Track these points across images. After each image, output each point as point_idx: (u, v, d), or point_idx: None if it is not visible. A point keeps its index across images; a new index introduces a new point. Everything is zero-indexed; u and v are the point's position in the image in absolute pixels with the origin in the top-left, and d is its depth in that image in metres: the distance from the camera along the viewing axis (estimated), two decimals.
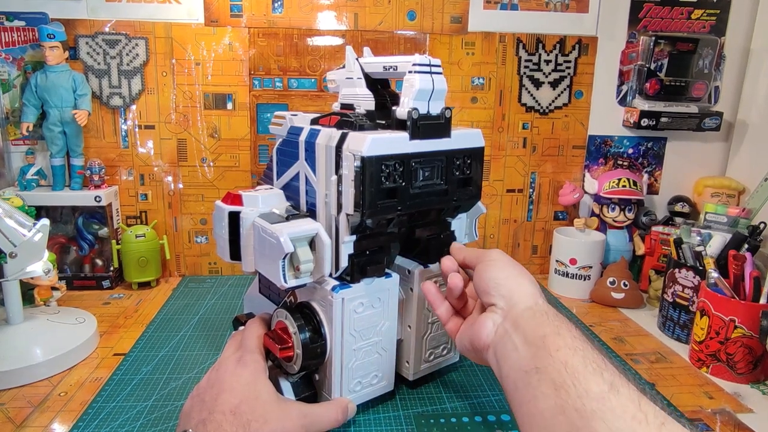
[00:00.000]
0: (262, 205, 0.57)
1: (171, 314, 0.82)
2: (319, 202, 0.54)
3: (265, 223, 0.53)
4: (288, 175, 0.59)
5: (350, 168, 0.48)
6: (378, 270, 0.55)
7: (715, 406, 0.63)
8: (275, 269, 0.51)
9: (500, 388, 0.65)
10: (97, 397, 0.61)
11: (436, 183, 0.54)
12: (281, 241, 0.49)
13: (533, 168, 1.01)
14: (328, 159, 0.52)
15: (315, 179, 0.54)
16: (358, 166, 0.48)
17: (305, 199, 0.57)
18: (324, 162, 0.52)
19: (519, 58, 0.96)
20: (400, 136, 0.50)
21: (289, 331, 0.53)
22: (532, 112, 0.99)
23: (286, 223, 0.52)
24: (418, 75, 0.51)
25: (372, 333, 0.56)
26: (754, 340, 0.66)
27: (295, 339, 0.52)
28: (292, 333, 0.53)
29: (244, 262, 0.57)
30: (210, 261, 0.99)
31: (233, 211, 0.56)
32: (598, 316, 0.86)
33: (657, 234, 0.93)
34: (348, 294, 0.53)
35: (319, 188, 0.54)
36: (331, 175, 0.51)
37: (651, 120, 0.94)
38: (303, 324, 0.53)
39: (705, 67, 0.96)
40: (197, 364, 0.68)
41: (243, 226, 0.56)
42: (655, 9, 0.96)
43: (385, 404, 0.60)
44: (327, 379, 0.55)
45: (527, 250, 1.05)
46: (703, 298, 0.70)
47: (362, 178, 0.48)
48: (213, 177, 0.95)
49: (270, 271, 0.52)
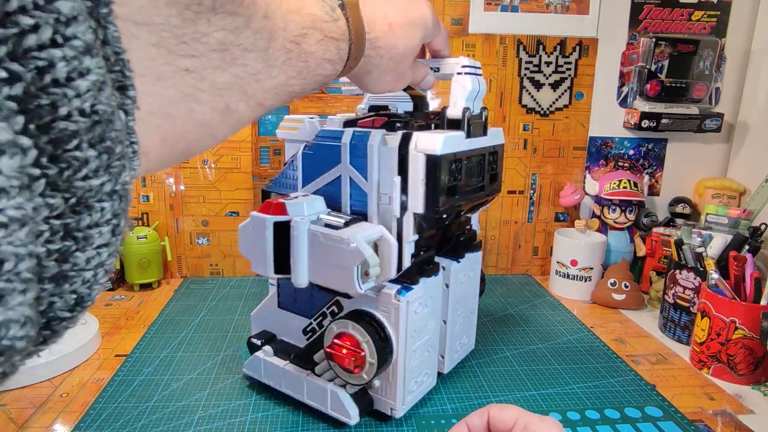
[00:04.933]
0: (308, 212, 0.53)
1: (172, 316, 0.82)
2: (372, 204, 0.53)
3: (329, 231, 0.49)
4: (322, 180, 0.56)
5: (420, 167, 0.49)
6: (435, 269, 0.56)
7: (716, 408, 0.62)
8: (345, 277, 0.49)
9: (501, 388, 0.66)
10: (99, 398, 0.61)
11: (477, 179, 0.57)
12: (358, 246, 0.48)
13: (534, 169, 1.01)
14: (386, 160, 0.51)
15: (366, 182, 0.53)
16: (431, 165, 0.49)
17: (349, 203, 0.55)
18: (377, 163, 0.52)
19: (519, 59, 0.96)
20: (460, 134, 0.52)
21: (357, 341, 0.52)
22: (532, 114, 0.99)
23: (355, 228, 0.51)
24: (468, 76, 0.54)
25: (424, 332, 0.57)
26: (755, 342, 0.66)
27: (368, 348, 0.52)
28: (363, 342, 0.52)
29: (297, 275, 0.51)
30: (211, 263, 0.99)
31: (280, 222, 0.51)
32: (598, 317, 0.86)
33: (658, 235, 0.94)
34: (411, 296, 0.53)
35: (371, 190, 0.53)
36: (394, 176, 0.51)
37: (652, 121, 0.94)
38: (373, 331, 0.52)
39: (705, 69, 0.96)
40: (198, 365, 0.68)
41: (296, 236, 0.51)
42: (655, 10, 0.96)
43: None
44: (390, 384, 0.55)
45: (528, 252, 1.05)
46: (703, 299, 0.70)
47: (435, 176, 0.49)
48: (214, 179, 0.96)
49: (335, 280, 0.50)
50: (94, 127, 0.16)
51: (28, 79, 0.14)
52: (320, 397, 0.57)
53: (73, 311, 0.18)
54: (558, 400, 0.63)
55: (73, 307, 0.18)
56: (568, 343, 0.77)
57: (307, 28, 0.31)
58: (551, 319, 0.84)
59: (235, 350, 0.72)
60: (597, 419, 0.59)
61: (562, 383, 0.66)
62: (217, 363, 0.69)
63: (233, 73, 0.26)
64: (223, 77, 0.25)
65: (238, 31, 0.25)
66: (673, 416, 0.60)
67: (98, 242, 0.17)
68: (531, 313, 0.86)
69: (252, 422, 0.57)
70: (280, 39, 0.28)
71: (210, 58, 0.24)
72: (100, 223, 0.17)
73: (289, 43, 0.29)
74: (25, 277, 0.14)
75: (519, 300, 0.91)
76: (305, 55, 0.31)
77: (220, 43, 0.24)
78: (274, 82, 0.29)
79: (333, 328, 0.54)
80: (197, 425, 0.57)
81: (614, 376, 0.68)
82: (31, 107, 0.14)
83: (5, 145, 0.13)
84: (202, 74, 0.24)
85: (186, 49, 0.23)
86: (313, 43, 0.32)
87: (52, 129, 0.15)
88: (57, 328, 0.18)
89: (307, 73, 0.32)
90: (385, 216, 0.53)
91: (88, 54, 0.15)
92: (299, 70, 0.31)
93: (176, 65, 0.22)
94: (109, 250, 0.18)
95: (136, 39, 0.20)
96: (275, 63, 0.28)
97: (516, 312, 0.86)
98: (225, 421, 0.57)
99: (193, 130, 0.25)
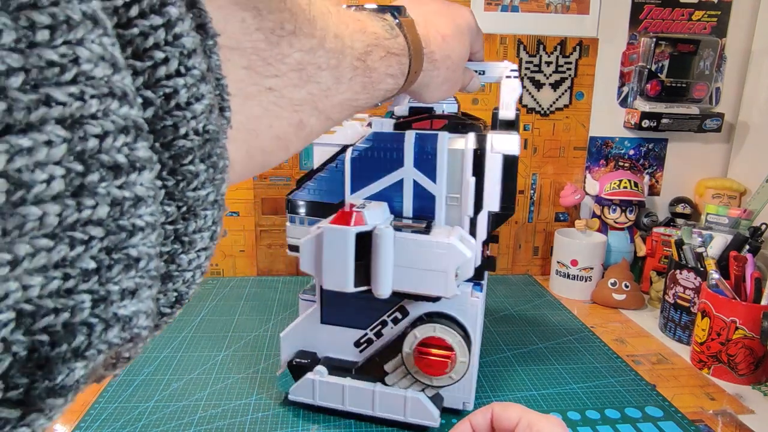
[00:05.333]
0: (382, 219, 0.52)
1: None
2: (440, 206, 0.54)
3: (420, 236, 0.49)
4: (379, 185, 0.55)
5: (497, 167, 0.51)
6: (493, 263, 0.57)
7: (716, 408, 0.62)
8: (439, 280, 0.49)
9: (501, 388, 0.66)
10: (99, 397, 0.61)
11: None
12: (459, 249, 0.48)
13: (534, 169, 1.01)
14: (458, 161, 0.52)
15: (435, 184, 0.53)
16: (508, 164, 0.51)
17: (411, 206, 0.55)
18: (446, 165, 0.53)
19: (520, 59, 0.96)
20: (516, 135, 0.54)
21: (447, 343, 0.52)
22: (533, 114, 0.99)
23: (439, 231, 0.51)
24: (515, 80, 0.56)
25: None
26: (755, 342, 0.66)
27: (458, 348, 0.52)
28: (454, 343, 0.52)
29: (380, 285, 0.49)
30: (211, 262, 0.99)
31: (363, 232, 0.49)
32: (599, 317, 0.86)
33: (658, 235, 0.93)
34: (482, 293, 0.55)
35: (440, 192, 0.53)
36: (468, 177, 0.52)
37: (652, 121, 0.94)
38: (460, 331, 0.53)
39: (706, 69, 0.96)
40: (199, 365, 0.68)
41: (380, 245, 0.48)
42: (655, 10, 0.96)
43: None
44: (465, 380, 0.55)
45: (528, 252, 1.05)
46: (704, 299, 0.70)
47: (512, 175, 0.51)
48: None
49: (425, 286, 0.50)
50: (205, 145, 0.18)
51: (158, 104, 0.16)
52: (396, 406, 0.55)
53: (172, 308, 0.20)
54: (558, 400, 0.63)
55: (173, 304, 0.20)
56: (568, 343, 0.77)
57: (371, 45, 0.33)
58: (551, 319, 0.84)
59: (235, 350, 0.72)
60: (597, 419, 0.59)
61: (563, 383, 0.66)
62: (217, 363, 0.69)
63: (308, 90, 0.27)
64: (299, 94, 0.27)
65: (313, 51, 0.27)
66: (673, 416, 0.60)
67: (200, 246, 0.19)
68: (531, 313, 0.86)
69: (252, 422, 0.57)
70: (348, 57, 0.30)
71: (290, 77, 0.26)
72: (203, 228, 0.19)
73: (356, 61, 0.31)
74: (152, 275, 0.16)
75: (519, 300, 0.91)
76: (370, 71, 0.33)
77: (299, 63, 0.26)
78: (342, 97, 0.30)
79: (416, 334, 0.53)
80: (197, 425, 0.57)
81: (614, 376, 0.68)
82: (158, 128, 0.17)
83: (146, 161, 0.15)
84: (282, 92, 0.26)
85: (270, 70, 0.24)
86: (377, 60, 0.33)
87: (173, 146, 0.17)
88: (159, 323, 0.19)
89: (372, 88, 0.33)
90: (451, 217, 0.53)
91: (203, 81, 0.18)
92: (364, 85, 0.32)
93: (262, 85, 0.24)
94: (207, 254, 0.20)
95: (230, 62, 0.22)
96: (343, 80, 0.30)
97: (516, 312, 0.86)
98: (225, 421, 0.57)
99: (271, 144, 0.26)
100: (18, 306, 0.13)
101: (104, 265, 0.14)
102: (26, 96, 0.12)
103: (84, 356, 0.14)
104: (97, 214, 0.14)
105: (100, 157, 0.14)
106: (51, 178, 0.13)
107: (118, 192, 0.15)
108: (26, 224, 0.12)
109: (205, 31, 0.18)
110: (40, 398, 0.13)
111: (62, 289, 0.13)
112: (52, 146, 0.13)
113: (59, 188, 0.13)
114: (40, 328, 0.13)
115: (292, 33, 0.25)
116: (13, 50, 0.12)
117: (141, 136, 0.15)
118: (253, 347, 0.73)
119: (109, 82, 0.14)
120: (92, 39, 0.14)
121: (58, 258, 0.13)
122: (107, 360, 0.17)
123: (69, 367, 0.14)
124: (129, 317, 0.15)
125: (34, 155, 0.12)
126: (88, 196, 0.14)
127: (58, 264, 0.13)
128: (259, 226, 0.98)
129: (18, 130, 0.12)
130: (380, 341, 0.56)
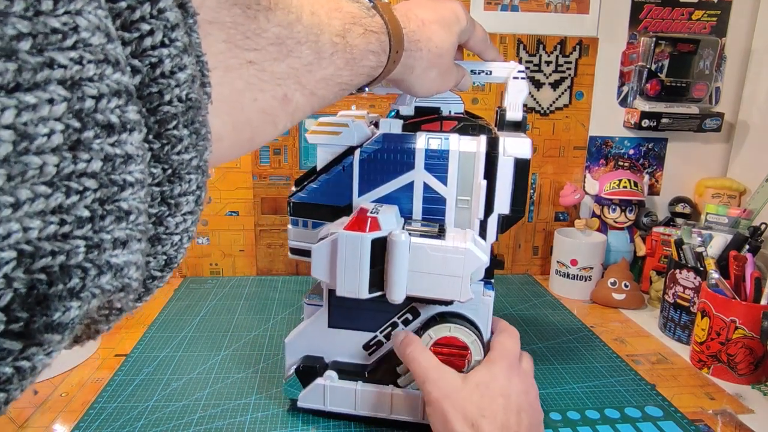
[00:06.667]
0: (395, 224, 0.51)
1: (172, 315, 0.82)
2: (450, 209, 0.53)
3: (435, 242, 0.49)
4: (388, 188, 0.54)
5: (509, 170, 0.51)
6: (501, 262, 0.57)
7: (716, 407, 0.63)
8: (454, 285, 0.49)
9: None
10: (99, 397, 0.61)
11: None
12: (476, 255, 0.48)
13: (534, 169, 1.01)
14: (470, 164, 0.52)
15: (445, 187, 0.53)
16: (519, 167, 0.51)
17: (421, 209, 0.54)
18: (457, 168, 0.52)
19: (520, 59, 0.96)
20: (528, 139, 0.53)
21: (463, 342, 0.52)
22: (532, 113, 0.99)
23: (453, 235, 0.51)
24: (523, 81, 0.56)
25: None
26: (755, 341, 0.66)
27: (473, 347, 0.52)
28: (469, 342, 0.52)
29: (394, 291, 0.49)
30: (211, 262, 0.99)
31: (378, 238, 0.48)
32: (598, 316, 0.86)
33: (658, 235, 0.93)
34: (493, 291, 0.55)
35: (451, 195, 0.53)
36: (479, 179, 0.52)
37: (652, 121, 0.94)
38: (474, 329, 0.53)
39: (706, 68, 0.96)
40: (198, 364, 0.68)
41: (396, 251, 0.48)
42: (655, 10, 0.96)
43: None
44: None
45: (528, 251, 1.05)
46: (703, 299, 0.70)
47: (524, 178, 0.52)
48: (214, 178, 0.96)
49: (440, 290, 0.49)
50: (188, 112, 0.20)
51: (144, 72, 0.18)
52: (411, 407, 0.55)
53: (162, 271, 0.21)
54: (558, 399, 0.63)
55: (163, 267, 0.21)
56: (567, 342, 0.77)
57: (349, 23, 0.34)
58: (551, 318, 0.84)
59: (235, 350, 0.72)
60: (597, 419, 0.59)
61: (562, 383, 0.66)
62: (217, 363, 0.69)
63: (289, 63, 0.28)
64: (280, 68, 0.28)
65: (291, 26, 0.28)
66: (673, 416, 0.60)
67: (186, 209, 0.21)
68: (531, 313, 0.86)
69: (252, 422, 0.57)
70: (327, 33, 0.31)
71: (269, 51, 0.27)
72: (188, 192, 0.21)
73: (335, 37, 0.32)
74: (141, 229, 0.18)
75: (519, 299, 0.91)
76: (350, 47, 0.34)
77: (277, 37, 0.27)
78: (325, 72, 0.32)
79: (430, 334, 0.53)
80: (197, 425, 0.57)
81: (614, 376, 0.68)
82: (145, 94, 0.18)
83: (136, 123, 0.17)
84: (263, 66, 0.27)
85: (249, 44, 0.26)
86: (356, 36, 0.34)
87: (159, 111, 0.19)
88: (150, 286, 0.21)
89: (355, 64, 0.34)
90: (461, 220, 0.53)
91: (186, 53, 0.19)
92: (347, 61, 0.33)
93: (242, 58, 0.25)
94: (193, 218, 0.21)
95: (210, 36, 0.24)
96: (324, 55, 0.31)
97: (516, 312, 0.86)
98: (225, 421, 0.57)
99: (257, 118, 0.28)
100: (19, 246, 0.14)
101: (97, 215, 0.16)
102: (33, 58, 0.14)
103: (79, 297, 0.16)
104: (91, 167, 0.15)
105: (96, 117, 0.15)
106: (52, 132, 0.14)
107: (111, 149, 0.16)
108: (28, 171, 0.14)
109: (185, 10, 0.20)
110: (39, 332, 0.15)
111: (59, 233, 0.15)
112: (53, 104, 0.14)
113: (58, 141, 0.14)
114: (39, 268, 0.14)
115: (268, 8, 0.27)
116: (22, 17, 0.13)
117: (131, 100, 0.17)
118: (253, 347, 0.73)
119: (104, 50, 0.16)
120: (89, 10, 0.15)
121: (55, 204, 0.15)
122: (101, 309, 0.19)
123: (65, 305, 0.15)
124: (120, 266, 0.17)
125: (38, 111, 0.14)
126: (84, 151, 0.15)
127: (55, 210, 0.15)
128: (259, 225, 0.98)
129: (25, 88, 0.14)
130: (390, 343, 0.56)
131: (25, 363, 0.15)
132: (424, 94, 0.48)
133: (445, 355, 0.52)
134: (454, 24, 0.46)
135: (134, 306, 0.20)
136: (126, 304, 0.19)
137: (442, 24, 0.45)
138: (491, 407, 0.46)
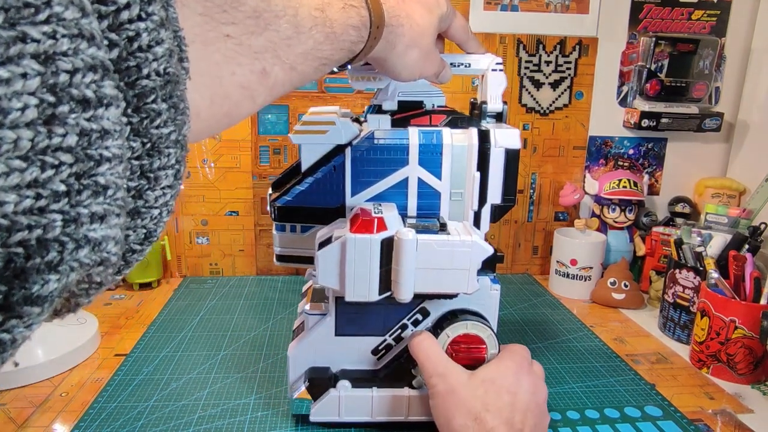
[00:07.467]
0: (398, 223, 0.50)
1: (172, 315, 0.82)
2: (444, 202, 0.54)
3: (442, 237, 0.48)
4: (383, 185, 0.53)
5: (500, 161, 0.53)
6: (504, 258, 0.58)
7: (715, 407, 0.63)
8: (461, 278, 0.49)
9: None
10: (99, 397, 0.61)
11: None
12: (482, 246, 0.48)
13: (534, 169, 1.01)
14: (462, 157, 0.53)
15: (440, 181, 0.53)
16: (510, 158, 0.53)
17: (415, 205, 0.54)
18: (450, 162, 0.53)
19: (519, 59, 0.96)
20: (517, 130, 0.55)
21: (479, 338, 0.52)
22: (532, 113, 0.99)
23: (455, 229, 0.51)
24: (501, 73, 0.57)
25: None
26: (754, 341, 0.66)
27: (489, 341, 0.52)
28: (485, 337, 0.52)
29: (402, 290, 0.48)
30: (211, 262, 0.99)
31: (386, 238, 0.47)
32: (598, 316, 0.86)
33: (658, 235, 0.93)
34: (499, 285, 0.55)
35: (445, 189, 0.54)
36: (473, 172, 0.53)
37: (651, 121, 0.94)
38: (488, 324, 0.53)
39: (705, 68, 0.96)
40: (198, 364, 0.68)
41: (404, 250, 0.47)
42: (655, 10, 0.96)
43: None
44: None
45: (528, 251, 1.05)
46: (703, 298, 0.70)
47: (514, 168, 0.53)
48: (214, 178, 0.96)
49: (447, 285, 0.49)
50: (166, 86, 0.20)
51: (122, 46, 0.18)
52: (428, 407, 0.52)
53: (142, 245, 0.21)
54: (558, 399, 0.63)
55: (143, 241, 0.21)
56: (568, 342, 0.77)
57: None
58: (551, 318, 0.84)
59: (234, 350, 0.72)
60: (597, 418, 0.59)
61: (562, 382, 0.66)
62: (216, 363, 0.69)
63: (267, 37, 0.28)
64: (258, 41, 0.28)
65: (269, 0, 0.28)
66: (672, 416, 0.60)
67: (164, 183, 0.21)
68: (531, 313, 0.86)
69: (252, 422, 0.57)
70: (306, 6, 0.31)
71: (246, 24, 0.27)
72: (167, 166, 0.21)
73: (314, 11, 0.32)
74: (120, 204, 0.18)
75: (519, 299, 0.91)
76: (330, 21, 0.34)
77: (254, 10, 0.27)
78: (305, 47, 0.32)
79: (447, 333, 0.52)
80: (197, 425, 0.57)
81: (614, 376, 0.68)
82: (123, 68, 0.18)
83: (113, 98, 0.17)
84: (241, 39, 0.27)
85: (226, 17, 0.26)
86: (337, 11, 0.34)
87: (137, 85, 0.19)
88: (130, 259, 0.21)
89: (335, 39, 0.34)
90: (455, 213, 0.54)
91: (163, 27, 0.19)
92: (327, 36, 0.33)
93: (219, 31, 0.26)
94: (172, 192, 0.22)
95: (187, 8, 0.24)
96: (303, 29, 0.31)
97: (516, 311, 0.86)
98: (225, 420, 0.57)
99: (236, 92, 0.27)
100: None
101: (74, 189, 0.16)
102: (5, 32, 0.13)
103: (57, 270, 0.16)
104: (66, 141, 0.15)
105: (71, 91, 0.15)
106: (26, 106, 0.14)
107: (87, 124, 0.16)
108: (2, 146, 0.14)
109: None
110: (18, 305, 0.15)
111: (35, 207, 0.15)
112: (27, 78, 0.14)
113: (33, 116, 0.14)
114: (16, 242, 0.14)
115: None
116: None
117: (108, 75, 0.17)
118: (253, 347, 0.73)
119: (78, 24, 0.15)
120: None
121: (30, 178, 0.15)
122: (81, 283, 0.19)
123: (43, 278, 0.15)
124: (99, 240, 0.17)
125: (11, 85, 0.14)
126: (59, 125, 0.15)
127: (31, 184, 0.15)
128: (259, 225, 0.98)
129: None
130: (400, 345, 0.55)
131: (5, 335, 0.15)
132: (406, 77, 0.48)
133: (464, 352, 0.52)
134: (434, 7, 0.47)
135: (114, 280, 0.20)
136: (105, 278, 0.19)
137: (422, 4, 0.45)
138: (496, 403, 0.46)
